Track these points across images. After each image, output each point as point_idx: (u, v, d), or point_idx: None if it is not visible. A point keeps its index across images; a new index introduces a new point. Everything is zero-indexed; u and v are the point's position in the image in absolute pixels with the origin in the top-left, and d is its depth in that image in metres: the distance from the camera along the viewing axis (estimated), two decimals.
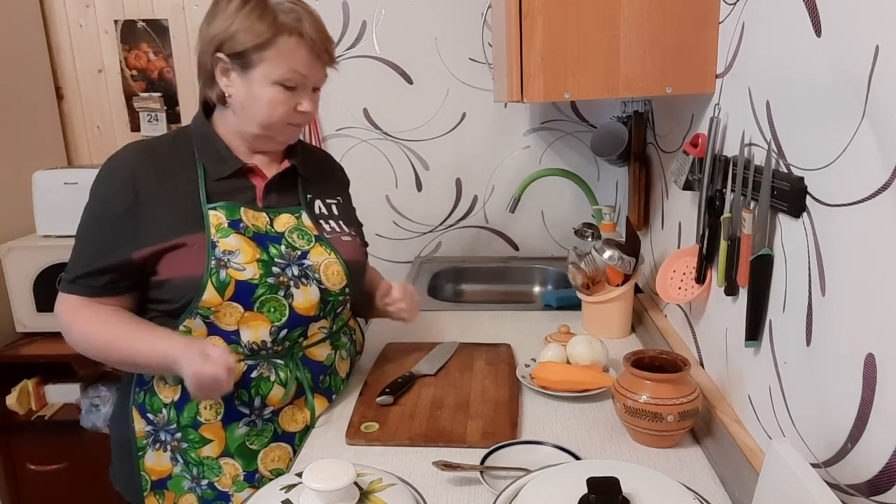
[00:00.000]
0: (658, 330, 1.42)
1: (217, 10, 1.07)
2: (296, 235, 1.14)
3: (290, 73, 1.06)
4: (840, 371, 0.71)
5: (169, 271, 1.05)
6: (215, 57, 1.06)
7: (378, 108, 2.18)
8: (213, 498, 1.11)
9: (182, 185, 1.09)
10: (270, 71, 1.06)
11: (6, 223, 2.02)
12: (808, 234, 0.79)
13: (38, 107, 2.20)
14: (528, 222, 2.25)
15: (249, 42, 1.04)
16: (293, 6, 1.07)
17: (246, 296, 1.06)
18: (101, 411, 1.93)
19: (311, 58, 1.08)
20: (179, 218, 1.06)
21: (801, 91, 0.81)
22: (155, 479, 1.12)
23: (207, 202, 1.08)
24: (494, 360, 1.38)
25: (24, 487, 2.03)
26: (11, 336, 1.98)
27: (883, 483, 0.64)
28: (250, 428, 1.11)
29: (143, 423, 1.12)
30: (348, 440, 1.09)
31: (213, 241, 1.05)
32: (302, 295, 1.11)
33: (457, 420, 1.13)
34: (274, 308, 1.08)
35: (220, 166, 1.12)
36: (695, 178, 1.18)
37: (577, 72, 1.16)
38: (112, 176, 1.09)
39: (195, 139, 1.13)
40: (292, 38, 1.05)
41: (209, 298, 1.04)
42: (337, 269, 1.16)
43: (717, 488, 0.95)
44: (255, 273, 1.06)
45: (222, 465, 1.11)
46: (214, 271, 1.04)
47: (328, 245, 1.16)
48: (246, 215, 1.10)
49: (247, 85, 1.07)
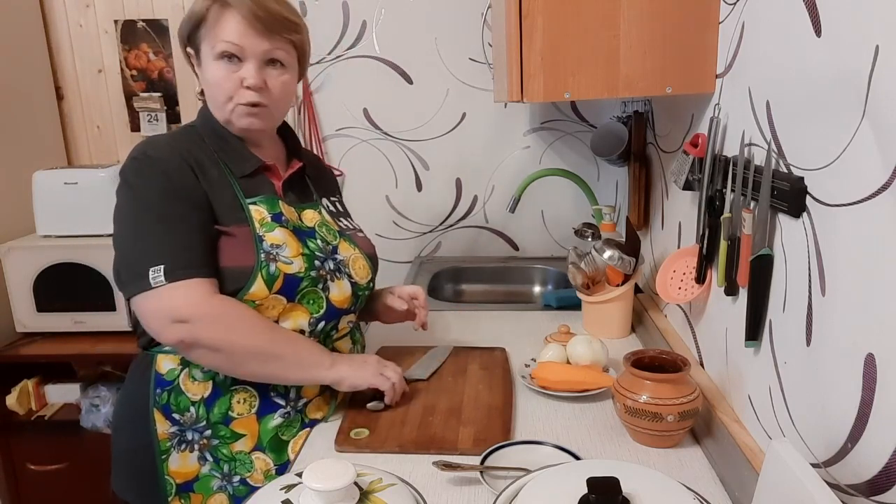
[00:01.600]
0: (658, 330, 1.42)
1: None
2: (325, 230, 1.16)
3: (226, 45, 1.04)
4: (840, 371, 0.71)
5: (219, 259, 1.04)
6: (186, 52, 1.11)
7: (378, 108, 2.18)
8: (246, 493, 1.08)
9: (217, 178, 1.08)
10: (210, 48, 1.06)
11: (6, 223, 2.02)
12: (808, 234, 0.79)
13: (38, 107, 2.20)
14: (528, 222, 2.25)
15: (191, 23, 1.07)
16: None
17: (291, 289, 1.07)
18: (101, 411, 1.93)
19: (243, 26, 1.04)
20: (226, 208, 1.06)
21: (801, 91, 0.81)
22: (180, 483, 1.10)
23: (245, 197, 1.08)
24: (489, 364, 1.36)
25: (24, 487, 2.03)
26: (11, 336, 1.98)
27: (883, 483, 0.64)
28: (284, 419, 1.11)
29: (168, 424, 1.09)
30: (337, 447, 1.07)
31: (259, 235, 1.05)
32: (336, 288, 1.13)
33: (448, 426, 1.11)
34: (313, 300, 1.10)
35: (242, 164, 1.11)
36: (695, 178, 1.18)
37: (577, 72, 1.16)
38: (162, 159, 1.04)
39: (208, 138, 1.12)
40: (222, 8, 1.05)
41: (257, 291, 1.04)
42: (362, 264, 1.19)
43: (717, 488, 0.95)
44: (301, 266, 1.07)
45: (254, 460, 1.10)
46: (264, 265, 1.04)
47: (350, 240, 1.20)
48: (284, 209, 1.10)
49: (203, 69, 1.09)
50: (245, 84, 1.06)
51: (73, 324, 1.94)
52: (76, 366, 2.05)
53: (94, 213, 1.91)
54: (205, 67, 1.08)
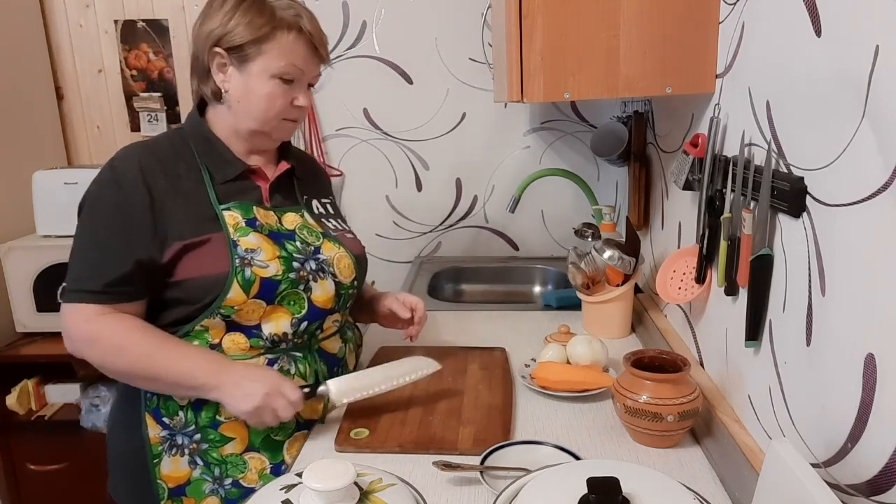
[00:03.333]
0: (658, 330, 1.42)
1: (213, 7, 1.08)
2: (305, 232, 1.15)
3: (288, 67, 1.08)
4: (840, 371, 0.71)
5: (188, 271, 1.05)
6: (212, 52, 1.07)
7: (378, 108, 2.18)
8: (239, 496, 1.09)
9: (190, 188, 1.08)
10: (269, 65, 1.07)
11: (6, 223, 2.02)
12: (808, 234, 0.79)
13: (38, 107, 2.20)
14: (528, 222, 2.25)
15: (248, 36, 1.05)
16: (291, 3, 1.09)
17: (270, 292, 1.06)
18: (101, 411, 1.93)
19: (308, 53, 1.10)
20: (196, 217, 1.06)
21: (801, 91, 0.81)
22: (172, 487, 1.10)
23: (219, 203, 1.08)
24: (489, 364, 1.36)
25: (24, 487, 2.03)
26: (11, 336, 1.98)
27: (883, 483, 0.64)
28: None
29: (159, 428, 1.09)
30: (337, 447, 1.07)
31: (233, 240, 1.05)
32: (320, 288, 1.12)
33: (448, 426, 1.11)
34: (294, 301, 1.10)
35: (225, 169, 1.11)
36: (695, 178, 1.18)
37: (577, 72, 1.16)
38: (121, 176, 1.05)
39: (193, 141, 1.13)
40: (291, 32, 1.07)
41: (234, 297, 1.04)
42: (348, 263, 1.18)
43: (717, 488, 0.95)
44: (277, 269, 1.07)
45: (247, 461, 1.10)
46: (239, 269, 1.04)
47: (336, 241, 1.19)
48: (259, 213, 1.10)
49: (244, 79, 1.08)
50: (296, 104, 1.11)
51: None
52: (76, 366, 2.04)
53: None
54: (252, 80, 1.07)
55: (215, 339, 1.08)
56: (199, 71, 1.11)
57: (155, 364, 1.03)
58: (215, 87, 1.10)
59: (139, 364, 1.03)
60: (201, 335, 1.08)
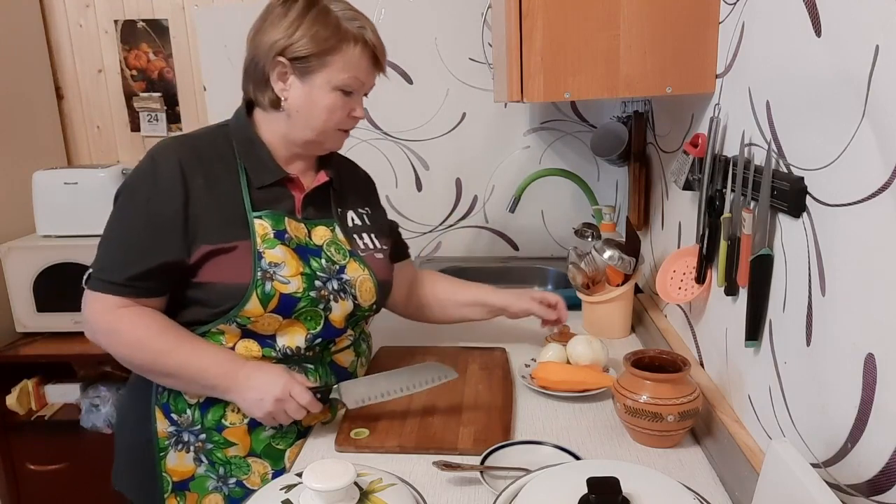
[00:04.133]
0: (658, 330, 1.42)
1: (273, 16, 1.07)
2: (333, 249, 1.14)
3: (351, 80, 1.08)
4: (840, 371, 0.71)
5: (213, 275, 1.05)
6: (275, 60, 1.05)
7: (378, 108, 2.18)
8: (242, 496, 1.09)
9: (227, 190, 1.07)
10: (332, 77, 1.06)
11: (6, 223, 2.02)
12: (808, 234, 0.79)
13: (38, 107, 2.20)
14: (528, 222, 2.25)
15: (313, 48, 1.04)
16: (355, 14, 1.08)
17: (288, 308, 1.06)
18: (101, 411, 1.93)
19: (370, 65, 1.10)
20: (226, 221, 1.05)
21: (801, 91, 0.81)
22: (177, 481, 1.11)
23: (252, 210, 1.07)
24: (489, 364, 1.36)
25: (24, 487, 2.03)
26: (11, 336, 1.99)
27: (883, 483, 0.64)
28: (276, 431, 1.11)
29: (167, 423, 1.10)
30: (337, 447, 1.08)
31: (258, 251, 1.05)
32: (339, 308, 1.12)
33: (448, 427, 1.11)
34: (311, 318, 1.10)
35: (263, 174, 1.10)
36: (695, 178, 1.18)
37: (577, 72, 1.16)
38: (159, 170, 1.04)
39: (237, 142, 1.11)
40: (357, 45, 1.07)
41: (252, 309, 1.04)
42: (369, 286, 1.17)
43: (717, 488, 0.95)
44: (298, 287, 1.06)
45: (251, 464, 1.10)
46: (260, 283, 1.03)
47: (362, 262, 1.17)
48: (289, 226, 1.09)
49: (306, 90, 1.07)
50: (353, 115, 1.12)
51: (73, 324, 1.93)
52: (76, 366, 2.05)
53: (94, 213, 1.89)
54: (314, 92, 1.07)
55: (229, 343, 1.08)
56: (257, 78, 1.09)
57: (171, 362, 1.04)
58: (273, 96, 1.08)
59: (156, 361, 1.04)
60: (216, 337, 1.08)
